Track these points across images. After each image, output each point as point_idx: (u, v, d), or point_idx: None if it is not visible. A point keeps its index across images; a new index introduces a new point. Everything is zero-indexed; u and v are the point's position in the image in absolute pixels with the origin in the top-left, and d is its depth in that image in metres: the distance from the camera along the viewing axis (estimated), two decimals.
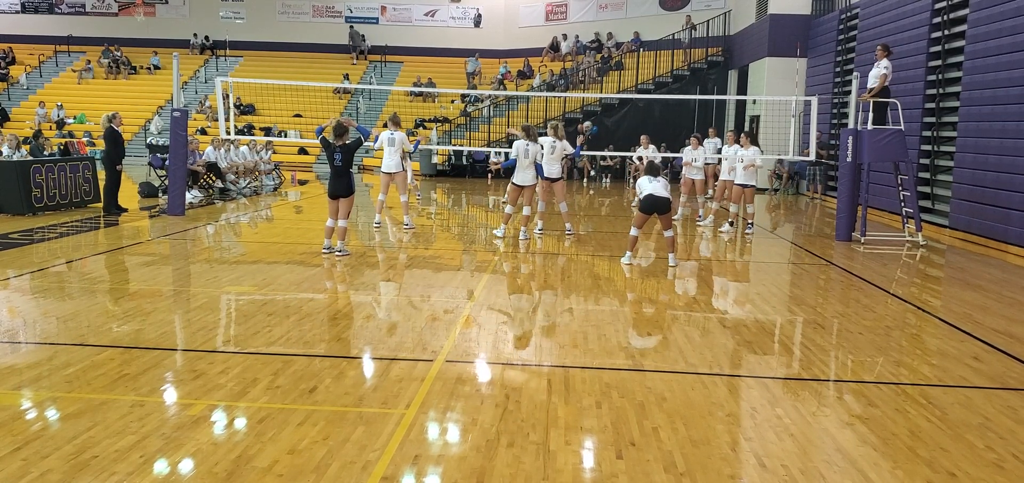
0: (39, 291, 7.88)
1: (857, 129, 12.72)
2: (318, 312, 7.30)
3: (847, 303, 8.33)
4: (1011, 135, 11.97)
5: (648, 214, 9.73)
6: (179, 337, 6.40)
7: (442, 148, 26.22)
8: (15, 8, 35.66)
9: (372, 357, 5.97)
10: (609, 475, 4.02)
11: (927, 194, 14.66)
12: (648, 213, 9.72)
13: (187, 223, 12.98)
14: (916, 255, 11.76)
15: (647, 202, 9.62)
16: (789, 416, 4.89)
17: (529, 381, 5.43)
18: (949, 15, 14.36)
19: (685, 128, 22.39)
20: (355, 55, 34.09)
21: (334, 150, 9.64)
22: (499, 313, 7.47)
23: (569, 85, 28.24)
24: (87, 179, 14.52)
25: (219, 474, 3.90)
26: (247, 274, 8.93)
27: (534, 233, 12.25)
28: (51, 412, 4.65)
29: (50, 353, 5.81)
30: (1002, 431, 4.78)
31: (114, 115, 13.94)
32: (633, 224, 10.06)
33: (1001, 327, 7.38)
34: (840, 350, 6.51)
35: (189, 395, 4.99)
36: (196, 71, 32.82)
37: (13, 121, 28.93)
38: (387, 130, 12.47)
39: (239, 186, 18.10)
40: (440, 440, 4.45)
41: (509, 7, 34.00)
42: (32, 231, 11.51)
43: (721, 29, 26.78)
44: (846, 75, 17.94)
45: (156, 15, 35.30)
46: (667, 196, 9.64)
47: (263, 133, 26.47)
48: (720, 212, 14.82)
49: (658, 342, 6.62)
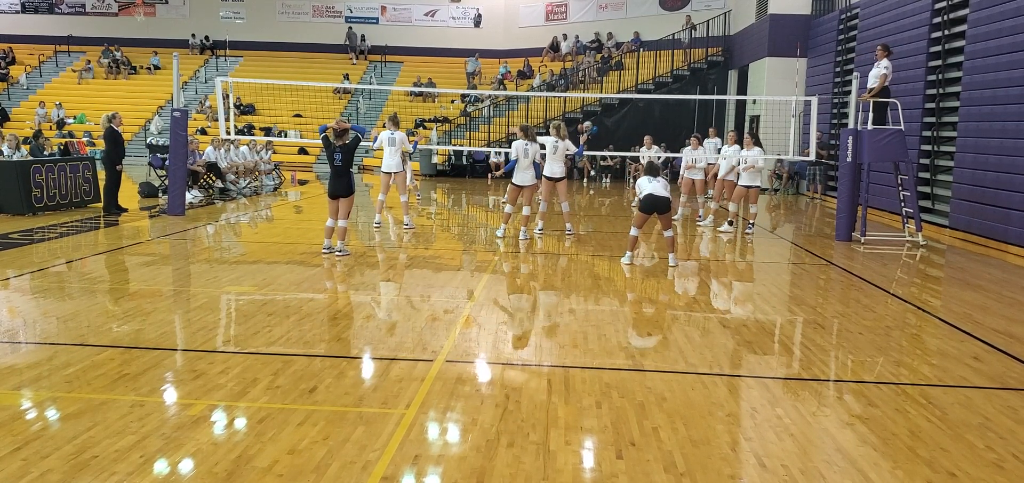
0: (39, 291, 7.88)
1: (857, 129, 12.71)
2: (318, 312, 7.30)
3: (847, 303, 8.33)
4: (1011, 135, 11.97)
5: (648, 214, 9.74)
6: (179, 337, 6.40)
7: (442, 148, 26.21)
8: (15, 8, 35.66)
9: (372, 357, 5.97)
10: (609, 475, 4.02)
11: (927, 194, 14.66)
12: (648, 213, 9.72)
13: (187, 223, 12.98)
14: (916, 255, 11.76)
15: (647, 202, 9.62)
16: (789, 416, 4.89)
17: (529, 381, 5.43)
18: (949, 15, 14.35)
19: (685, 128, 22.39)
20: (355, 55, 34.08)
21: (334, 150, 9.65)
22: (499, 313, 7.47)
23: (569, 85, 28.24)
24: (87, 179, 14.52)
25: (219, 474, 3.90)
26: (247, 274, 8.93)
27: (534, 233, 12.25)
28: (51, 412, 4.65)
29: (50, 353, 5.81)
30: (1002, 431, 4.78)
31: (114, 115, 13.91)
32: (633, 224, 10.06)
33: (1001, 327, 7.38)
34: (840, 350, 6.51)
35: (189, 395, 4.99)
36: (196, 71, 32.82)
37: (13, 121, 28.92)
38: (387, 130, 12.50)
39: (239, 186, 18.10)
40: (440, 440, 4.45)
41: (509, 7, 34.01)
42: (32, 231, 11.51)
43: (721, 29, 26.78)
44: (846, 75, 17.94)
45: (156, 15, 35.30)
46: (667, 196, 9.64)
47: (263, 133, 26.47)
48: (720, 212, 14.82)
49: (658, 342, 6.62)
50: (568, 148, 12.02)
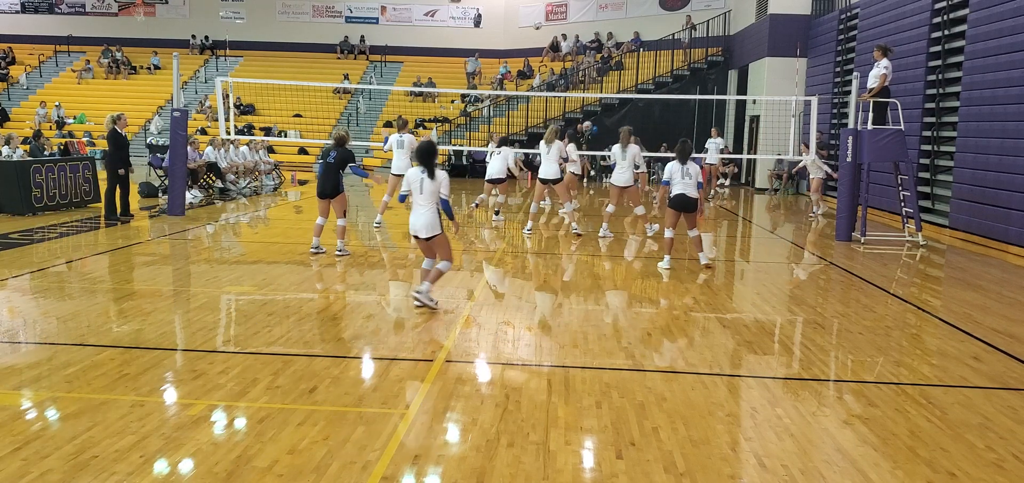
0: (39, 291, 7.88)
1: (857, 129, 12.71)
2: (318, 312, 7.30)
3: (847, 303, 8.33)
4: (1011, 135, 11.96)
5: (679, 213, 9.67)
6: (179, 337, 6.40)
7: (442, 148, 26.20)
8: (15, 8, 35.65)
9: (372, 357, 5.97)
10: (609, 475, 4.02)
11: (927, 194, 14.65)
12: (680, 211, 9.67)
13: (187, 223, 12.98)
14: (916, 255, 11.76)
15: (677, 201, 9.54)
16: (789, 416, 4.89)
17: (529, 381, 5.43)
18: (949, 15, 14.35)
19: (685, 128, 22.38)
20: (355, 55, 34.06)
21: (330, 151, 9.84)
22: (499, 313, 7.47)
23: (569, 85, 28.23)
24: (87, 179, 14.51)
25: (219, 474, 3.90)
26: (247, 274, 8.93)
27: (524, 232, 12.40)
28: (51, 412, 4.65)
29: (50, 353, 5.81)
30: (1002, 431, 4.77)
31: (118, 116, 12.94)
32: (666, 226, 9.87)
33: (1001, 327, 7.38)
34: (840, 350, 6.51)
35: (189, 395, 4.99)
36: (196, 71, 32.81)
37: (13, 121, 28.90)
38: (396, 133, 12.71)
39: (239, 186, 18.10)
40: (440, 440, 4.45)
41: (509, 7, 34.00)
42: (32, 231, 11.51)
43: (721, 29, 26.78)
44: (846, 75, 17.94)
45: (156, 15, 35.29)
46: (696, 196, 9.58)
47: (263, 133, 26.46)
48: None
49: (658, 342, 6.62)
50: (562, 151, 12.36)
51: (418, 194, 7.17)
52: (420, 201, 7.18)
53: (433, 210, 7.17)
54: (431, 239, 7.26)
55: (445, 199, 7.12)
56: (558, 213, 13.16)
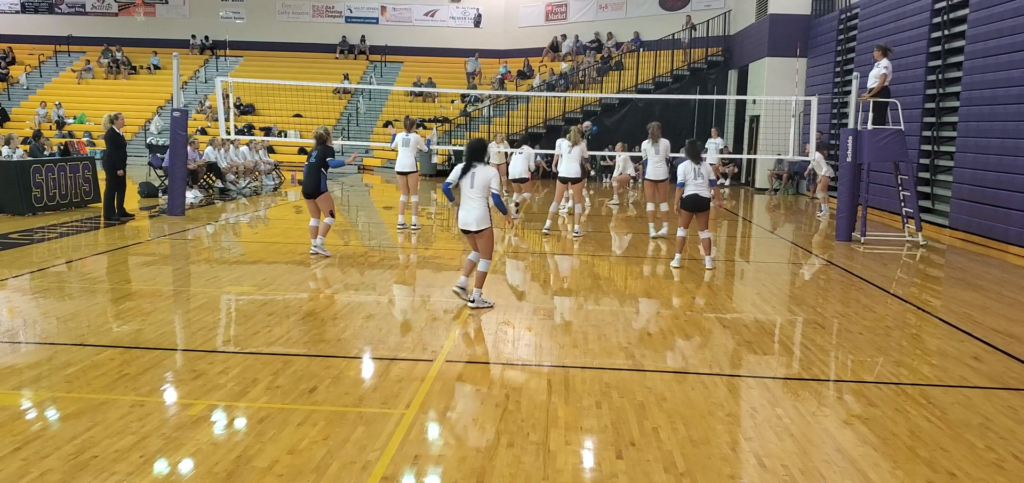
0: (39, 291, 7.88)
1: (857, 129, 12.71)
2: (318, 312, 7.30)
3: (847, 303, 8.33)
4: (1011, 135, 11.96)
5: (692, 212, 9.67)
6: (179, 337, 6.40)
7: (442, 148, 26.21)
8: (15, 8, 35.65)
9: (372, 357, 5.97)
10: (609, 475, 4.02)
11: (927, 194, 14.65)
12: (692, 211, 9.67)
13: (187, 223, 12.98)
14: (916, 255, 11.76)
15: (690, 201, 9.54)
16: (789, 416, 4.89)
17: (529, 381, 5.43)
18: (949, 15, 14.35)
19: (685, 128, 22.38)
20: (355, 55, 34.06)
21: (312, 150, 10.07)
22: (499, 313, 7.46)
23: (569, 85, 28.23)
24: (87, 179, 14.50)
25: (219, 474, 3.90)
26: (247, 274, 8.93)
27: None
28: (51, 412, 4.65)
29: (50, 353, 5.81)
30: (1002, 431, 4.77)
31: (116, 116, 12.99)
32: (679, 225, 9.90)
33: (1001, 327, 7.38)
34: (840, 350, 6.51)
35: (189, 395, 4.99)
36: (196, 71, 32.82)
37: (13, 121, 28.91)
38: (402, 132, 12.72)
39: (239, 186, 18.10)
40: (440, 440, 4.45)
41: (509, 7, 34.00)
42: (32, 231, 11.51)
43: (721, 29, 26.78)
44: (846, 75, 17.93)
45: (156, 15, 35.29)
46: (708, 196, 9.59)
47: (263, 133, 26.44)
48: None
49: (658, 342, 6.62)
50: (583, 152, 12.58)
51: (469, 189, 7.29)
52: (470, 195, 7.28)
53: (484, 204, 7.31)
54: (481, 232, 7.37)
55: (496, 193, 7.30)
56: (572, 212, 13.18)
